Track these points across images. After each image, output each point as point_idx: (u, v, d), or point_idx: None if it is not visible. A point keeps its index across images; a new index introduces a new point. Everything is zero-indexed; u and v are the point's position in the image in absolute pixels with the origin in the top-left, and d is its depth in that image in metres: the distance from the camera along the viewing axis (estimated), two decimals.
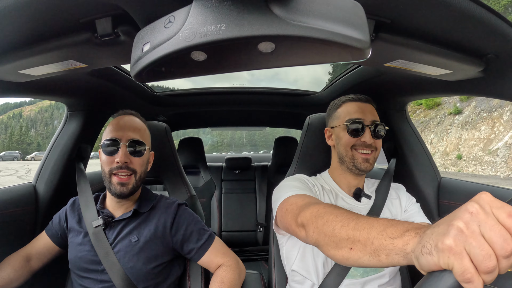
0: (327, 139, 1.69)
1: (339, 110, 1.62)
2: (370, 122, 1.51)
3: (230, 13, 0.66)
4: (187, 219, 1.59)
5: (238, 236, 3.75)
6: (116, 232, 1.51)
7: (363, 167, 1.50)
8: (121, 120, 1.53)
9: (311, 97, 3.06)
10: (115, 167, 1.45)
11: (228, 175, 4.10)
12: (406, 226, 0.75)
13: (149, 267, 1.47)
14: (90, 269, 1.47)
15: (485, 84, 1.40)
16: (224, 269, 1.51)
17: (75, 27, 1.05)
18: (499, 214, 0.59)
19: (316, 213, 1.05)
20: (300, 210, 1.16)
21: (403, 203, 1.60)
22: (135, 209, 1.53)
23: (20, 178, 24.65)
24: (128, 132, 1.49)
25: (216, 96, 3.06)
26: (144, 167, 1.56)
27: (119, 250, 1.47)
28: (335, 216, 0.96)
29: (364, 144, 1.49)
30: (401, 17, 1.01)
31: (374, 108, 1.59)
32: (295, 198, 1.30)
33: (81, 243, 1.51)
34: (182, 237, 1.54)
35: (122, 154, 1.44)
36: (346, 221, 0.91)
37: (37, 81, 1.42)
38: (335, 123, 1.62)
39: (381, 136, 1.54)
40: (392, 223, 0.79)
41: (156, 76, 0.81)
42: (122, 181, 1.45)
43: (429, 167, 2.08)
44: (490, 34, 1.06)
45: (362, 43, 0.66)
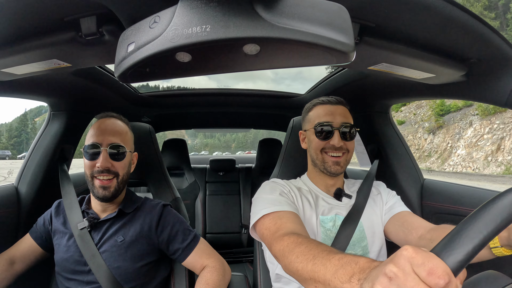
0: (301, 142, 1.71)
1: (310, 113, 1.63)
2: (339, 125, 1.51)
3: (215, 14, 0.66)
4: (172, 219, 1.59)
5: (222, 238, 3.74)
6: (101, 233, 1.50)
7: (333, 170, 1.51)
8: (102, 124, 1.53)
9: (296, 99, 3.07)
10: (96, 171, 1.45)
11: (212, 177, 4.08)
12: (353, 270, 0.74)
13: (136, 266, 1.47)
14: (76, 271, 1.46)
15: (468, 88, 1.42)
16: (208, 271, 1.51)
17: (59, 26, 1.03)
18: (419, 272, 0.58)
19: (282, 251, 1.08)
20: (272, 241, 1.20)
21: (384, 197, 1.62)
22: (120, 209, 1.53)
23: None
24: (109, 136, 1.49)
25: (201, 97, 3.06)
26: (126, 169, 1.56)
27: (105, 250, 1.46)
28: (296, 257, 0.98)
29: (334, 147, 1.50)
30: (386, 21, 1.02)
31: (346, 110, 1.59)
32: (268, 220, 1.32)
33: (66, 245, 1.50)
34: (168, 237, 1.54)
35: (103, 159, 1.45)
36: (305, 263, 0.92)
37: (20, 80, 1.40)
38: (307, 126, 1.63)
39: (351, 138, 1.54)
40: (341, 263, 0.79)
41: (141, 77, 0.81)
42: (104, 184, 1.46)
43: (412, 168, 2.10)
44: (473, 39, 1.07)
45: (346, 46, 0.67)
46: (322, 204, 1.54)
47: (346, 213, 1.51)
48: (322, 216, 1.50)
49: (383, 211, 1.57)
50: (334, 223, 1.49)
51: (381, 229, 1.53)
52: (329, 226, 1.48)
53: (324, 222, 1.49)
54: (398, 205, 1.56)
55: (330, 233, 1.46)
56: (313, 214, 1.49)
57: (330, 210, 1.52)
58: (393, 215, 1.51)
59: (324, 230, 1.47)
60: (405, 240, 1.38)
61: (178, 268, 1.68)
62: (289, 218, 1.30)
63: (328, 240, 1.44)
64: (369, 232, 1.50)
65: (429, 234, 1.26)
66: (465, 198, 1.67)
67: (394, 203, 1.57)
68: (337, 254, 0.85)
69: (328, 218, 1.50)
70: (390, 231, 1.49)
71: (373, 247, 1.48)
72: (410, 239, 1.35)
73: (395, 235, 1.46)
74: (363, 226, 1.49)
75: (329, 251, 0.90)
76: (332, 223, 1.49)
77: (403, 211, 1.51)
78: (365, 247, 1.46)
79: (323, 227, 1.47)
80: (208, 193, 3.94)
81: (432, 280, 0.56)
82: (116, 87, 2.21)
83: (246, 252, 3.70)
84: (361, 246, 1.46)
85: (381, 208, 1.58)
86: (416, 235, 1.32)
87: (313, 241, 1.03)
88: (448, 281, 0.55)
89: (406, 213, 1.49)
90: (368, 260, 0.75)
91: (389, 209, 1.55)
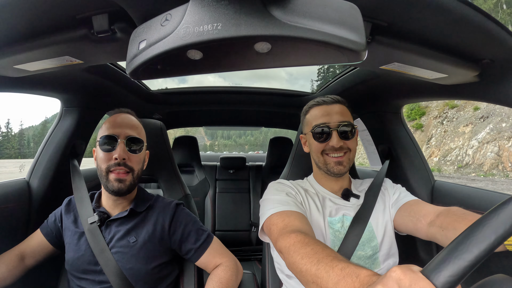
0: (303, 146, 1.70)
1: (307, 116, 1.62)
2: (337, 125, 1.49)
3: (227, 12, 0.66)
4: (185, 219, 1.58)
5: (231, 236, 3.74)
6: (113, 232, 1.49)
7: (336, 170, 1.50)
8: (118, 118, 1.53)
9: (307, 98, 3.05)
10: (112, 164, 1.43)
11: (222, 175, 4.09)
12: (353, 283, 0.75)
13: (149, 267, 1.46)
14: (88, 270, 1.45)
15: (481, 89, 1.40)
16: (222, 269, 1.50)
17: (71, 23, 1.04)
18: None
19: (287, 248, 1.08)
20: (278, 236, 1.20)
21: (390, 192, 1.60)
22: (132, 209, 1.52)
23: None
24: (126, 129, 1.48)
25: (212, 95, 3.06)
26: (141, 165, 1.55)
27: (117, 251, 1.45)
28: (300, 258, 0.98)
29: (333, 148, 1.48)
30: (398, 20, 1.01)
31: (344, 107, 1.56)
32: (276, 217, 1.31)
33: (78, 244, 1.49)
34: (180, 237, 1.53)
35: (120, 150, 1.43)
36: (309, 265, 0.93)
37: (32, 76, 1.41)
38: (306, 129, 1.63)
39: (352, 136, 1.51)
40: (343, 274, 0.80)
41: (152, 74, 0.81)
42: (120, 177, 1.44)
43: (423, 170, 2.08)
44: (486, 39, 1.06)
45: (358, 45, 0.66)
46: (329, 205, 1.53)
47: (354, 214, 1.50)
48: (330, 217, 1.49)
49: (390, 205, 1.55)
50: (342, 224, 1.48)
51: (390, 226, 1.51)
52: (337, 227, 1.47)
53: (332, 223, 1.48)
54: (403, 195, 1.55)
55: (339, 234, 1.45)
56: (320, 216, 1.48)
57: (338, 211, 1.51)
58: (400, 207, 1.49)
59: (333, 231, 1.46)
60: (415, 229, 1.36)
61: (187, 267, 1.68)
62: (296, 217, 1.29)
63: (337, 241, 1.43)
64: (378, 231, 1.48)
65: (439, 220, 1.24)
66: (476, 200, 1.65)
67: (399, 195, 1.56)
68: (340, 263, 0.85)
69: (336, 219, 1.49)
70: (400, 223, 1.47)
71: (383, 246, 1.47)
72: (420, 227, 1.33)
73: (405, 226, 1.44)
74: (372, 225, 1.48)
75: (333, 257, 0.90)
76: (341, 224, 1.48)
77: (409, 200, 1.49)
78: (375, 246, 1.45)
79: (331, 228, 1.46)
80: (218, 190, 3.95)
81: None
82: (127, 84, 2.22)
83: (255, 250, 3.71)
84: (370, 246, 1.45)
85: (389, 203, 1.56)
86: (425, 222, 1.30)
87: (319, 244, 1.03)
88: None
89: (412, 202, 1.47)
90: (369, 273, 0.76)
91: (395, 202, 1.54)
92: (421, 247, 1.91)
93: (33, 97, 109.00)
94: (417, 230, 1.36)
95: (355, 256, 1.41)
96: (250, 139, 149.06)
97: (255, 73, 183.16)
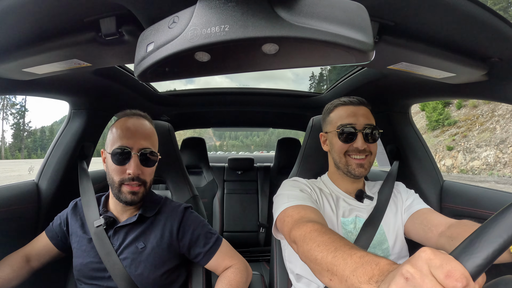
0: (322, 144, 1.68)
1: (332, 114, 1.59)
2: (363, 127, 1.47)
3: (234, 14, 0.66)
4: (193, 223, 1.56)
5: (239, 237, 3.74)
6: (121, 238, 1.47)
7: (357, 173, 1.49)
8: (132, 125, 1.47)
9: (315, 99, 3.05)
10: (127, 178, 1.41)
11: (230, 176, 4.09)
12: (372, 270, 0.73)
13: (157, 273, 1.44)
14: (96, 277, 1.44)
15: (489, 88, 1.39)
16: (232, 271, 1.49)
17: (79, 26, 1.05)
18: (437, 275, 0.57)
19: (303, 236, 1.07)
20: (293, 226, 1.19)
21: (403, 196, 1.59)
22: (141, 214, 1.50)
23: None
24: (140, 140, 1.44)
25: (220, 96, 3.06)
26: (153, 175, 1.53)
27: (126, 257, 1.44)
28: (317, 245, 0.97)
29: (357, 150, 1.47)
30: (405, 19, 1.01)
31: (368, 111, 1.55)
32: (291, 210, 1.31)
33: (85, 250, 1.48)
34: (189, 241, 1.52)
35: (135, 166, 1.40)
36: (325, 253, 0.92)
37: (41, 79, 1.43)
38: (328, 128, 1.60)
39: (375, 140, 1.51)
40: (362, 262, 0.79)
41: (160, 76, 0.81)
42: (134, 190, 1.42)
43: (432, 170, 2.07)
44: (494, 38, 1.05)
45: (365, 45, 0.66)
46: (343, 205, 1.53)
47: (367, 215, 1.49)
48: (343, 218, 1.48)
49: (402, 210, 1.54)
50: (355, 225, 1.47)
51: (401, 230, 1.50)
52: (350, 228, 1.46)
53: (345, 224, 1.47)
54: (416, 202, 1.53)
55: (351, 235, 1.45)
56: (334, 216, 1.48)
57: (351, 212, 1.51)
58: (412, 214, 1.48)
59: (345, 232, 1.45)
60: (425, 238, 1.36)
61: (196, 270, 1.68)
62: (312, 210, 1.29)
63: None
64: (390, 234, 1.47)
65: (449, 231, 1.23)
66: (485, 200, 1.64)
67: (413, 201, 1.55)
68: (359, 251, 0.84)
69: (349, 220, 1.48)
70: (410, 230, 1.47)
71: (394, 249, 1.46)
72: (430, 236, 1.32)
73: (415, 233, 1.43)
74: (384, 229, 1.47)
75: (351, 246, 0.89)
76: (353, 225, 1.47)
77: (422, 208, 1.48)
78: (386, 249, 1.44)
79: (344, 229, 1.46)
80: (226, 191, 3.95)
81: (450, 282, 0.55)
82: (135, 86, 2.23)
83: (263, 252, 3.70)
84: (381, 249, 1.44)
85: (401, 208, 1.55)
86: (436, 233, 1.30)
87: (337, 234, 1.01)
88: (466, 285, 0.54)
89: (425, 210, 1.46)
90: (389, 262, 0.75)
91: (408, 208, 1.52)
92: None
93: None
94: (427, 240, 1.35)
95: None
96: (256, 140, 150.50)
97: (262, 73, 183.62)
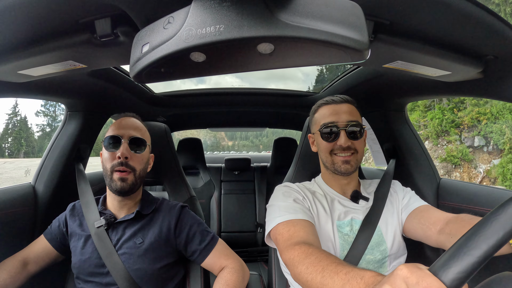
0: (311, 145, 1.68)
1: (316, 115, 1.60)
2: (345, 124, 1.46)
3: (229, 14, 0.66)
4: (190, 220, 1.60)
5: (237, 237, 3.74)
6: (119, 234, 1.51)
7: (343, 169, 1.47)
8: (123, 120, 1.58)
9: (311, 98, 3.05)
10: (116, 163, 1.47)
11: (227, 176, 4.09)
12: (358, 285, 0.78)
13: (155, 267, 1.47)
14: (95, 273, 1.46)
15: (485, 85, 1.40)
16: (228, 271, 1.50)
17: (74, 28, 1.05)
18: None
19: (292, 260, 1.11)
20: (283, 248, 1.23)
21: (400, 195, 1.58)
22: (138, 211, 1.54)
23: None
24: (130, 130, 1.53)
25: (216, 97, 3.06)
26: (144, 165, 1.57)
27: (124, 252, 1.47)
28: (305, 268, 1.01)
29: (341, 148, 1.45)
30: (400, 18, 1.01)
31: (352, 107, 1.53)
32: (282, 227, 1.33)
33: (84, 247, 1.50)
34: (186, 238, 1.55)
35: (123, 149, 1.47)
36: (314, 274, 0.96)
37: (37, 81, 1.42)
38: (314, 129, 1.60)
39: (359, 137, 1.48)
40: (348, 278, 0.83)
41: (156, 77, 0.81)
42: (122, 176, 1.47)
43: (428, 168, 2.08)
44: (489, 36, 1.06)
45: (361, 44, 0.66)
46: (338, 208, 1.52)
47: (363, 216, 1.48)
48: (339, 221, 1.48)
49: (399, 210, 1.54)
50: (351, 227, 1.47)
51: (399, 230, 1.50)
52: (346, 230, 1.46)
53: (341, 227, 1.46)
54: (413, 200, 1.53)
55: (348, 237, 1.44)
56: (328, 219, 1.47)
57: (346, 214, 1.50)
58: (410, 213, 1.48)
59: (341, 235, 1.45)
60: (425, 236, 1.36)
61: (193, 268, 1.68)
62: (302, 226, 1.30)
63: (346, 245, 1.42)
64: (388, 235, 1.47)
65: (448, 227, 1.24)
66: (482, 197, 1.65)
67: (409, 199, 1.54)
68: (345, 268, 0.88)
69: (345, 222, 1.48)
70: (409, 230, 1.46)
71: (392, 250, 1.45)
72: (429, 235, 1.33)
73: (414, 232, 1.43)
74: (382, 229, 1.47)
75: (337, 263, 0.93)
76: (349, 228, 1.46)
77: (419, 206, 1.48)
78: (384, 250, 1.44)
79: (340, 232, 1.45)
80: (223, 192, 3.96)
81: None
82: (131, 87, 2.23)
83: (261, 251, 3.71)
84: (379, 250, 1.43)
85: (398, 207, 1.55)
86: (435, 230, 1.30)
87: (323, 252, 1.05)
88: None
89: (422, 208, 1.46)
90: (373, 274, 0.78)
91: (406, 207, 1.52)
92: (428, 246, 1.90)
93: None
94: (426, 238, 1.35)
95: (364, 260, 1.40)
96: (264, 141, 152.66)
97: (271, 74, 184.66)
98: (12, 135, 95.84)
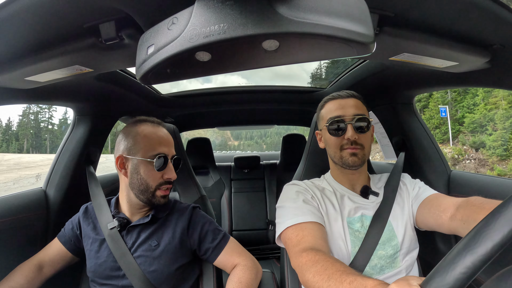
0: (318, 142, 1.68)
1: (322, 111, 1.60)
2: (351, 118, 1.46)
3: (232, 12, 0.66)
4: (201, 220, 1.61)
5: (249, 235, 3.74)
6: (134, 237, 1.51)
7: (350, 162, 1.47)
8: (164, 135, 1.58)
9: (319, 93, 3.04)
10: (164, 182, 1.51)
11: (237, 174, 4.09)
12: None
13: (172, 268, 1.48)
14: (111, 276, 1.47)
15: (492, 75, 1.38)
16: (241, 269, 1.50)
17: (79, 32, 1.05)
18: None
19: (300, 267, 1.16)
20: (292, 255, 1.27)
21: (409, 187, 1.57)
22: (153, 215, 1.54)
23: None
24: (171, 148, 1.57)
25: (223, 95, 3.06)
26: None
27: (139, 255, 1.47)
28: (312, 276, 1.06)
29: (349, 142, 1.45)
30: (405, 10, 1.00)
31: (358, 102, 1.53)
32: (291, 231, 1.36)
33: (99, 251, 1.51)
34: (199, 237, 1.56)
35: (173, 171, 1.54)
36: (320, 283, 1.01)
37: (44, 87, 1.43)
38: (321, 124, 1.60)
39: (366, 131, 1.48)
40: (352, 287, 0.89)
41: (162, 78, 0.81)
42: (166, 194, 1.53)
43: (439, 160, 2.06)
44: (495, 25, 1.05)
45: (366, 37, 0.66)
46: (348, 204, 1.51)
47: (373, 212, 1.48)
48: (349, 217, 1.47)
49: (410, 202, 1.52)
50: (362, 223, 1.46)
51: (410, 223, 1.48)
52: (357, 227, 1.45)
53: (351, 223, 1.46)
54: (422, 190, 1.52)
55: (358, 234, 1.43)
56: (338, 216, 1.46)
57: (356, 211, 1.49)
58: (420, 203, 1.46)
59: (352, 231, 1.44)
60: (437, 225, 1.34)
61: (206, 268, 1.69)
62: (311, 230, 1.31)
63: (357, 241, 1.41)
64: (399, 230, 1.46)
65: (459, 213, 1.22)
66: (493, 189, 1.63)
67: (419, 190, 1.53)
68: (349, 277, 0.93)
69: (355, 218, 1.47)
70: (421, 220, 1.45)
71: (404, 244, 1.44)
72: (441, 222, 1.31)
73: (426, 222, 1.42)
74: (392, 224, 1.46)
75: (342, 272, 0.98)
76: (360, 224, 1.46)
77: (429, 195, 1.47)
78: (395, 245, 1.43)
79: (351, 228, 1.44)
80: (233, 190, 3.96)
81: None
82: (138, 89, 2.24)
83: (272, 249, 3.70)
84: (391, 245, 1.42)
85: (408, 200, 1.53)
86: (446, 217, 1.28)
87: (329, 259, 1.09)
88: None
89: (431, 197, 1.45)
90: (375, 284, 0.83)
91: (416, 198, 1.51)
92: (439, 238, 1.89)
93: None
94: (439, 226, 1.34)
95: (376, 255, 1.39)
96: (268, 141, 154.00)
97: (276, 73, 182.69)
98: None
